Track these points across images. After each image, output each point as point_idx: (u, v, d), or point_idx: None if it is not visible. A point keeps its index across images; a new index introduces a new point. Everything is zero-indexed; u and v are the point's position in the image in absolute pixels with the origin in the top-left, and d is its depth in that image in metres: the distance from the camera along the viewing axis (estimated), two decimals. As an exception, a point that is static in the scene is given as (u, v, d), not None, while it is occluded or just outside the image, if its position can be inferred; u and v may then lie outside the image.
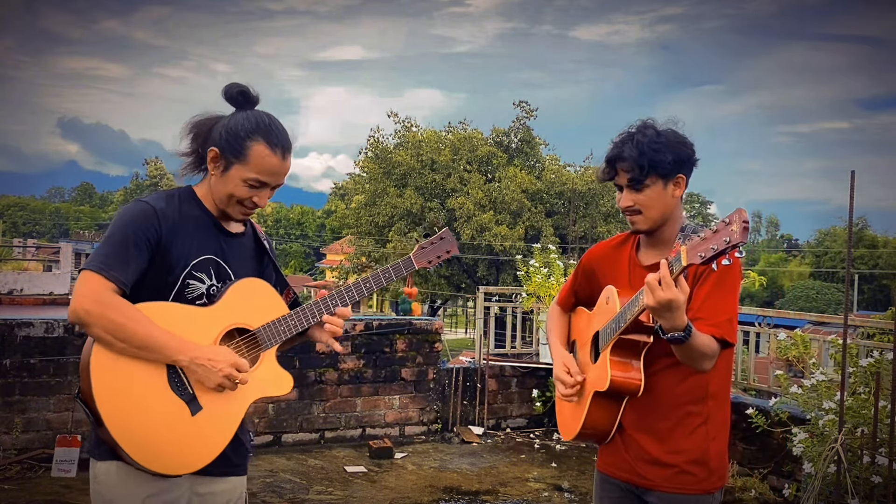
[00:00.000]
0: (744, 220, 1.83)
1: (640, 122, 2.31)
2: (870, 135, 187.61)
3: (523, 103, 29.21)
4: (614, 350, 2.24)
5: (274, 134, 2.15)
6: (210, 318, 2.13)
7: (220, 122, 2.19)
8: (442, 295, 31.19)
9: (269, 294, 2.24)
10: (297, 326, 2.24)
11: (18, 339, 5.54)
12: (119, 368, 2.01)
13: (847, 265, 4.39)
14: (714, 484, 2.30)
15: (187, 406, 2.07)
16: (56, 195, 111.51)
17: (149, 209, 2.10)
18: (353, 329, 6.72)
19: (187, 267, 2.13)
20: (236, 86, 2.20)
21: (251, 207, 2.18)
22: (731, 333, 2.19)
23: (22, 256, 26.06)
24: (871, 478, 4.28)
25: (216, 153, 2.14)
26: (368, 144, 29.02)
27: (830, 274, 49.70)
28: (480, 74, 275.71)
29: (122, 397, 2.01)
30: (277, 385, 2.23)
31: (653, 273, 1.98)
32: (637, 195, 2.26)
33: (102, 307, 1.97)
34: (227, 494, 2.27)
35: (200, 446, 2.09)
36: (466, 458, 6.42)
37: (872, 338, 6.47)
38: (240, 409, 2.15)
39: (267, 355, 2.21)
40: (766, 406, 5.41)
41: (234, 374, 2.07)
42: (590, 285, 2.50)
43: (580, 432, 2.37)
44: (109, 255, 2.03)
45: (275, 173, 2.15)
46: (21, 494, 5.00)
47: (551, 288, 7.30)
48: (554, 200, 27.81)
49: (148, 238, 2.07)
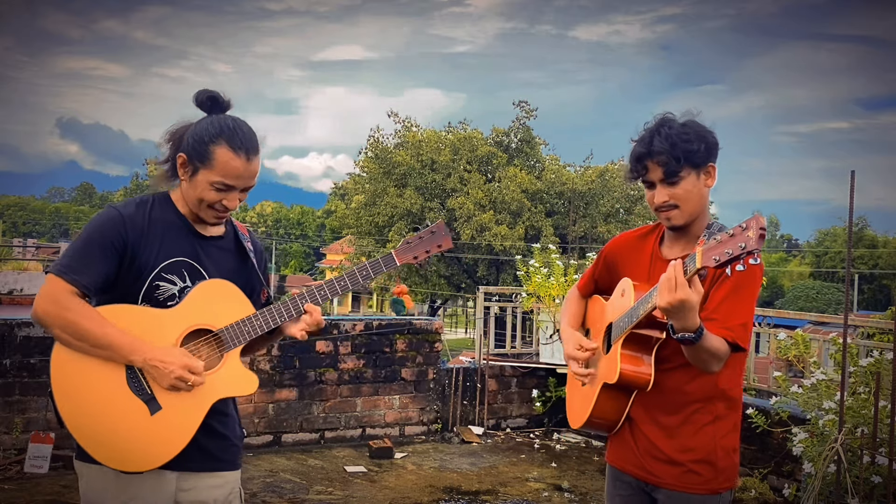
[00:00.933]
0: (761, 226, 1.80)
1: (659, 117, 2.26)
2: (870, 135, 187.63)
3: (523, 103, 29.22)
4: (626, 344, 2.22)
5: (238, 137, 2.17)
6: (172, 320, 2.16)
7: (189, 129, 2.23)
8: (442, 295, 31.19)
9: (235, 295, 2.26)
10: (263, 327, 2.24)
11: (18, 339, 5.54)
12: (78, 368, 2.09)
13: (847, 265, 4.39)
14: (722, 484, 2.28)
15: (146, 405, 2.12)
16: (56, 195, 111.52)
17: (116, 215, 2.17)
18: (353, 329, 6.72)
19: (156, 269, 2.18)
20: (205, 92, 2.25)
21: (222, 210, 2.22)
22: (744, 338, 2.17)
23: (22, 256, 26.06)
24: (871, 478, 4.28)
25: (184, 159, 2.19)
26: (368, 144, 29.03)
27: (830, 274, 49.70)
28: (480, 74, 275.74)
29: (81, 396, 2.09)
30: (241, 385, 2.25)
31: (665, 273, 1.96)
32: (673, 189, 2.20)
33: (60, 308, 2.06)
34: (216, 490, 2.30)
35: (161, 444, 2.13)
36: (466, 458, 6.42)
37: (872, 338, 6.47)
38: (201, 409, 2.18)
39: (231, 356, 2.22)
40: (766, 406, 5.41)
41: (186, 376, 2.10)
42: (610, 275, 2.47)
43: (588, 420, 2.37)
44: (72, 259, 2.12)
45: (239, 176, 2.18)
46: (21, 494, 5.00)
47: (551, 288, 7.30)
48: (554, 200, 27.81)
49: (113, 243, 2.13)
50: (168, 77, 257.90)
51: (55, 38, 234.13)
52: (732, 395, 2.32)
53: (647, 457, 2.32)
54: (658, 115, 2.27)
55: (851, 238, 4.36)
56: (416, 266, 2.40)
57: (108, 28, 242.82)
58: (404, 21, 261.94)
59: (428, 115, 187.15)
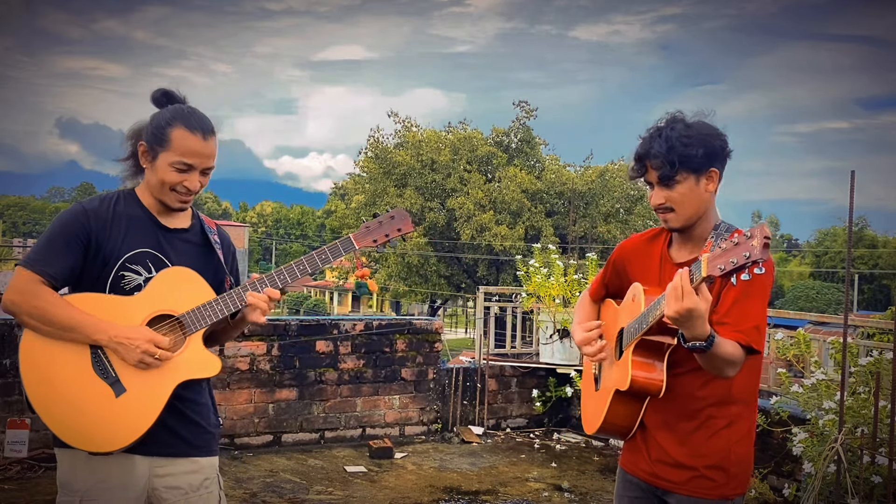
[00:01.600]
0: (765, 235, 1.78)
1: (668, 116, 2.25)
2: (870, 135, 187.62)
3: (523, 103, 29.23)
4: (637, 350, 2.20)
5: (193, 118, 2.30)
6: (136, 306, 2.26)
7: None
8: (442, 295, 31.19)
9: (196, 281, 2.34)
10: (222, 311, 2.31)
11: (18, 340, 5.54)
12: (45, 354, 2.21)
13: (847, 265, 4.39)
14: (734, 490, 2.26)
15: (111, 388, 2.20)
16: (56, 195, 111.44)
17: (80, 209, 2.29)
18: (353, 329, 6.72)
19: (120, 259, 2.27)
20: (160, 90, 2.37)
21: (184, 193, 2.30)
22: (759, 341, 2.13)
23: (22, 256, 26.05)
24: (871, 478, 4.28)
25: (144, 147, 2.31)
26: (368, 144, 29.04)
27: (830, 274, 49.72)
28: (480, 74, 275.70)
29: (48, 381, 2.20)
30: (204, 367, 2.32)
31: (672, 282, 1.94)
32: (669, 192, 2.20)
33: (26, 296, 2.19)
34: (192, 476, 2.37)
35: (126, 425, 2.21)
36: (466, 458, 6.42)
37: (872, 338, 6.48)
38: (165, 391, 2.25)
39: (193, 339, 2.30)
40: (767, 405, 5.41)
41: (153, 349, 2.19)
42: (620, 279, 2.46)
43: (601, 427, 2.36)
44: (39, 252, 2.25)
45: (198, 154, 2.28)
46: (21, 495, 5.00)
47: (551, 288, 7.30)
48: (554, 200, 27.81)
49: (77, 235, 2.25)
50: (168, 77, 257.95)
51: (55, 38, 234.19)
52: (748, 399, 2.29)
53: (657, 463, 2.30)
54: (669, 114, 2.25)
55: (851, 238, 4.36)
56: (377, 251, 2.45)
57: (107, 28, 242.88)
58: (404, 21, 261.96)
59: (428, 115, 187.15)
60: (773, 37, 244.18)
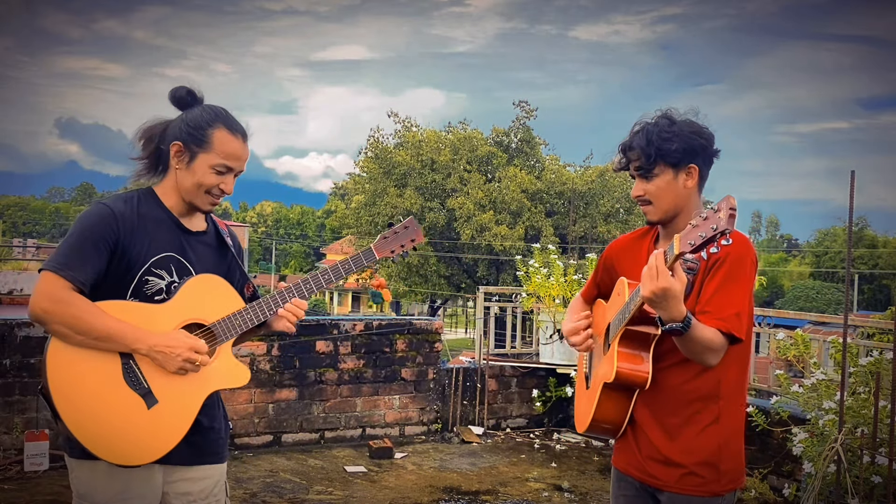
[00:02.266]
0: (731, 206, 1.82)
1: (660, 112, 2.31)
2: (870, 135, 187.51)
3: (523, 103, 29.21)
4: (622, 342, 2.21)
5: (232, 120, 2.28)
6: (166, 314, 2.20)
7: (174, 121, 2.29)
8: (442, 295, 31.19)
9: (225, 289, 2.31)
10: (253, 320, 2.30)
11: (18, 339, 5.54)
12: (74, 363, 2.10)
13: (847, 265, 4.39)
14: (724, 486, 2.27)
15: (143, 399, 2.14)
16: (56, 195, 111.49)
17: (107, 211, 2.18)
18: (353, 329, 6.72)
19: (146, 264, 2.21)
20: (183, 87, 2.31)
21: (218, 196, 2.27)
22: (739, 328, 2.13)
23: (22, 256, 26.05)
24: (871, 478, 4.28)
25: (180, 146, 2.23)
26: (368, 144, 29.03)
27: (830, 274, 49.71)
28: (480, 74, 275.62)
29: (78, 392, 2.10)
30: (234, 377, 2.30)
31: (647, 264, 1.97)
32: (647, 184, 2.27)
33: (59, 304, 2.08)
34: (202, 482, 2.34)
35: (157, 437, 2.16)
36: (466, 458, 6.42)
37: (872, 338, 6.47)
38: (196, 402, 2.22)
39: (223, 349, 2.27)
40: (766, 406, 5.41)
41: (194, 357, 2.15)
42: (611, 278, 2.48)
43: (591, 424, 2.36)
44: (67, 256, 2.13)
45: (238, 157, 2.26)
46: (21, 494, 5.00)
47: (551, 288, 7.30)
48: (554, 200, 27.80)
49: (106, 238, 2.15)
50: (168, 77, 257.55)
51: (55, 38, 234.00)
52: (736, 394, 2.30)
53: (648, 460, 2.31)
54: (660, 111, 2.32)
55: (851, 238, 4.36)
56: (392, 261, 2.48)
57: (107, 28, 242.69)
58: (404, 21, 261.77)
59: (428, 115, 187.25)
60: (774, 37, 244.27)
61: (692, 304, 2.16)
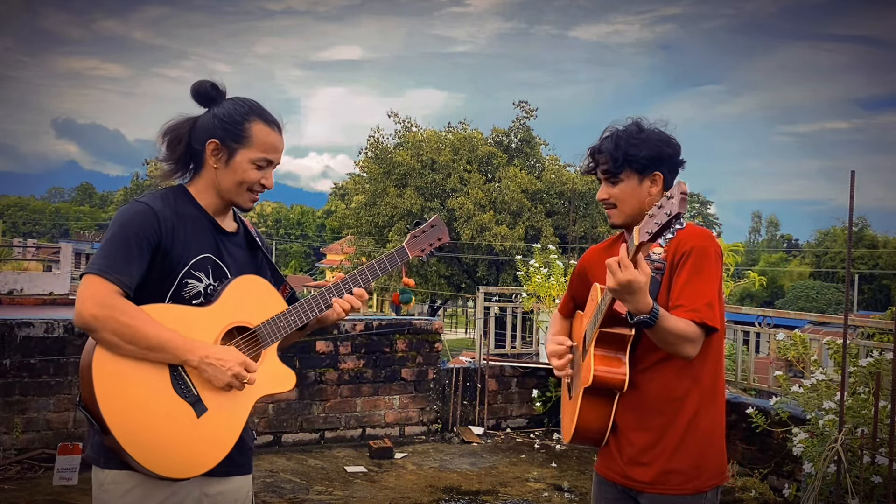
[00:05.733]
0: (682, 191, 1.85)
1: (630, 120, 2.37)
2: (870, 135, 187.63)
3: (523, 103, 29.21)
4: (598, 345, 2.23)
5: (266, 112, 2.20)
6: (210, 318, 2.11)
7: (203, 118, 2.19)
8: (442, 295, 31.18)
9: (267, 290, 2.24)
10: (298, 322, 2.23)
11: (18, 339, 5.54)
12: (121, 373, 1.98)
13: (847, 265, 4.39)
14: (706, 483, 2.28)
15: (192, 408, 2.05)
16: (56, 195, 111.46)
17: (148, 210, 2.07)
18: (354, 329, 6.72)
19: (186, 266, 2.11)
20: (208, 81, 2.19)
21: (259, 191, 2.21)
22: (713, 317, 2.17)
23: (22, 256, 26.01)
24: (871, 478, 4.28)
25: (216, 144, 2.14)
26: (368, 144, 29.00)
27: (830, 274, 49.70)
28: (480, 74, 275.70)
29: (126, 402, 1.98)
30: (280, 382, 2.23)
31: (612, 257, 2.00)
32: (612, 188, 2.34)
33: (109, 310, 1.95)
34: (234, 493, 2.26)
35: (208, 447, 2.08)
36: (466, 458, 6.42)
37: (872, 338, 6.47)
38: (245, 408, 2.15)
39: (268, 352, 2.20)
40: (766, 406, 5.41)
41: (243, 374, 2.07)
42: (585, 289, 2.51)
43: (575, 432, 2.37)
44: (112, 258, 2.01)
45: (278, 149, 2.21)
46: (21, 495, 5.00)
47: (551, 288, 7.30)
48: (554, 200, 27.80)
49: (149, 239, 2.05)
50: (168, 77, 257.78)
51: (55, 38, 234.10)
52: (713, 390, 2.32)
53: (629, 464, 2.32)
54: (632, 118, 2.38)
55: (851, 238, 4.35)
56: (421, 260, 2.48)
57: (107, 28, 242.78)
58: (404, 21, 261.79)
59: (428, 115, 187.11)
60: (773, 37, 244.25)
61: (664, 301, 2.21)
